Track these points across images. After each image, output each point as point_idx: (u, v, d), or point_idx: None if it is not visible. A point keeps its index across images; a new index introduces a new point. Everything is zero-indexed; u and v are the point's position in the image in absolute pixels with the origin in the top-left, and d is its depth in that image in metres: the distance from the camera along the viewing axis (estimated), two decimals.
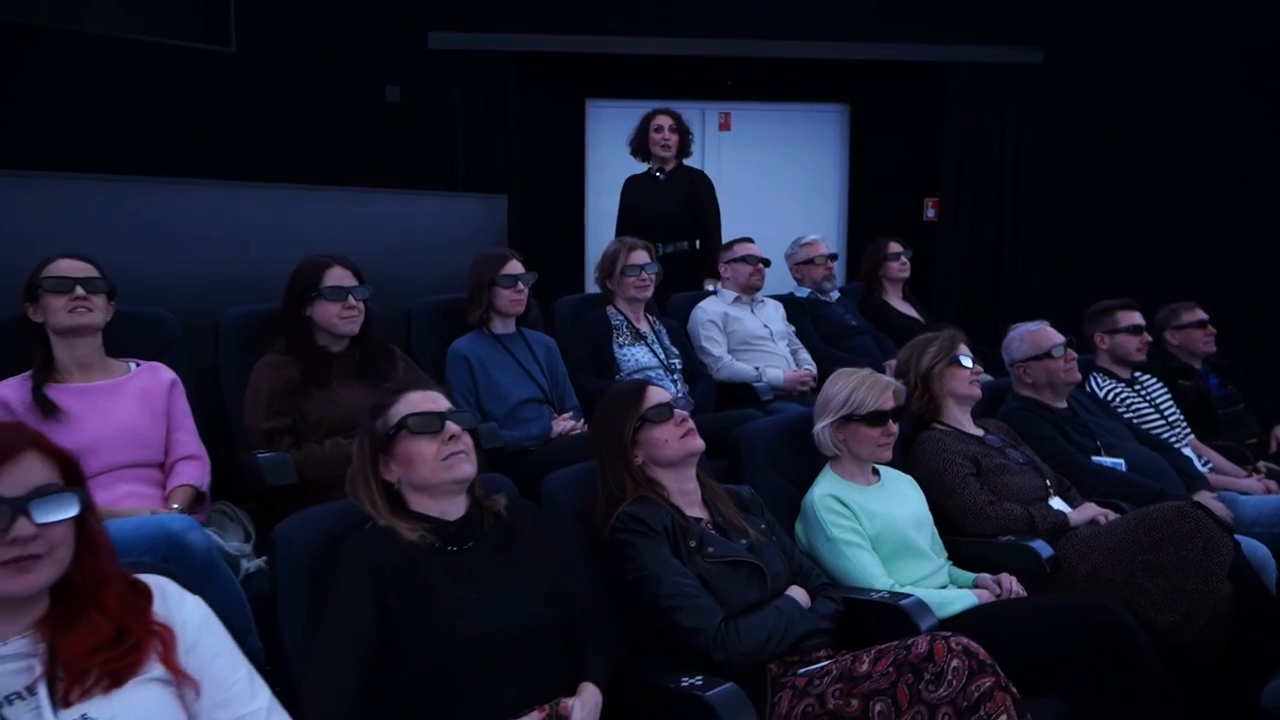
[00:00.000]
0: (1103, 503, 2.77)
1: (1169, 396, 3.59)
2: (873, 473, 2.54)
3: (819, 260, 4.18)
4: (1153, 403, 3.51)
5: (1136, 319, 3.53)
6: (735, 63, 5.88)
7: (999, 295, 5.97)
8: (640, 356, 3.46)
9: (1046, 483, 2.79)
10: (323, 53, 5.20)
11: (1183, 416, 3.56)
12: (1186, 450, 3.39)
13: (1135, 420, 3.40)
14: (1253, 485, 3.28)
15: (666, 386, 3.17)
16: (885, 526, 2.40)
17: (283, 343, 2.66)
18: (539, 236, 5.35)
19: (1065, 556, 2.52)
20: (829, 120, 6.29)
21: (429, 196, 4.92)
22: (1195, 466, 3.28)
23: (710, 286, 4.31)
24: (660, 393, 2.22)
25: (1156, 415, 3.48)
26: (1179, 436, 3.46)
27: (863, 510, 2.39)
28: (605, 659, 1.82)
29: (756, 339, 3.82)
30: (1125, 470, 3.02)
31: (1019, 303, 5.78)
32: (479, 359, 3.06)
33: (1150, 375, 3.62)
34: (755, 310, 3.92)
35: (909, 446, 2.77)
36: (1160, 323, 3.86)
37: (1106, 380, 3.51)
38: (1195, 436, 3.52)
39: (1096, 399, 3.41)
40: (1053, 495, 2.76)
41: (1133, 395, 3.50)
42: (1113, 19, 5.77)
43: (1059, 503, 2.75)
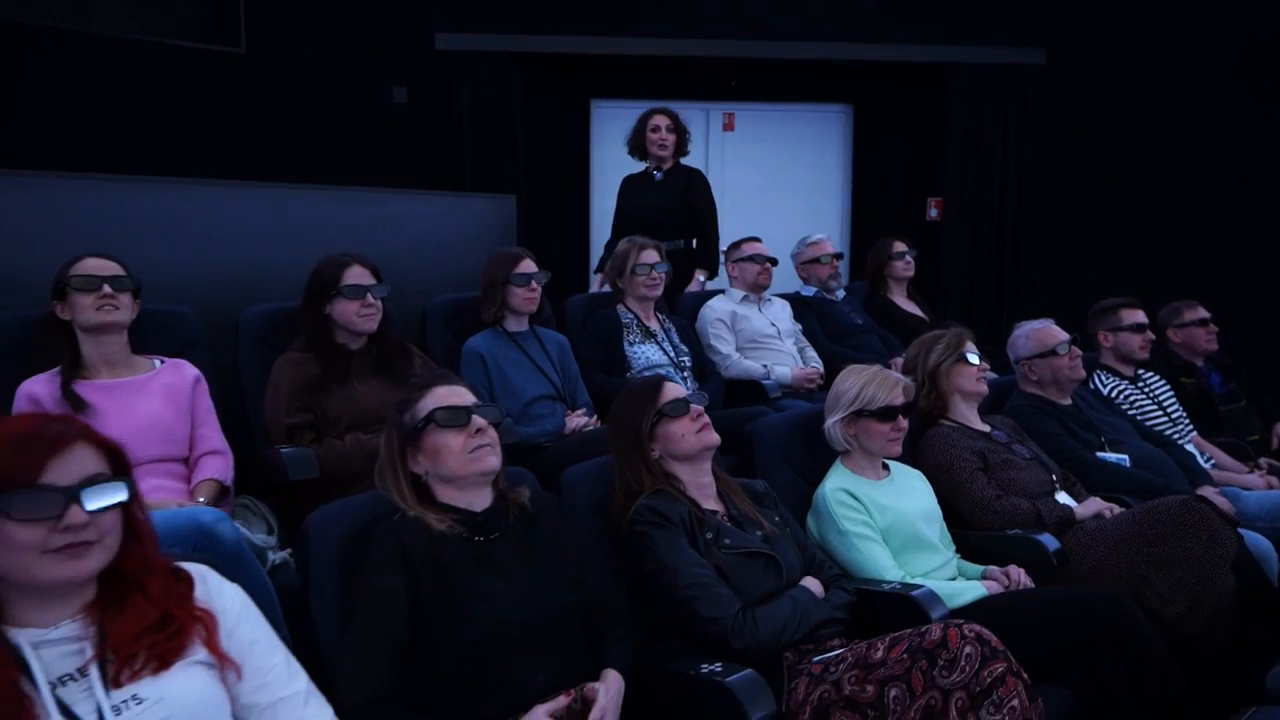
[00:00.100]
0: (1108, 497, 2.80)
1: (1172, 394, 3.63)
2: (883, 467, 2.57)
3: (825, 259, 4.21)
4: (1156, 400, 3.55)
5: (1140, 317, 3.56)
6: (739, 63, 5.92)
7: (1001, 294, 6.00)
8: (650, 354, 3.50)
9: (1052, 478, 2.82)
10: (329, 54, 5.25)
11: (1185, 413, 3.59)
12: (1189, 446, 3.41)
13: (1139, 417, 3.42)
14: (1254, 481, 3.30)
15: (677, 383, 3.20)
16: (896, 520, 2.43)
17: (302, 340, 2.70)
18: (544, 236, 5.36)
19: (1071, 550, 2.55)
20: (832, 120, 6.32)
21: (440, 196, 4.96)
22: (1198, 462, 3.31)
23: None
24: (676, 388, 2.26)
25: (1160, 412, 3.51)
26: (1182, 433, 3.50)
27: (873, 504, 2.43)
28: (626, 647, 1.86)
29: (764, 337, 3.85)
30: (1129, 465, 3.05)
31: (1021, 302, 5.82)
32: (493, 356, 3.10)
33: (1153, 373, 3.65)
34: (763, 309, 3.95)
35: (917, 442, 2.81)
36: (1163, 321, 3.89)
37: (1110, 378, 3.54)
38: (1198, 433, 3.55)
39: (1100, 396, 3.44)
40: (1058, 490, 2.79)
41: (1136, 392, 3.53)
42: (1114, 20, 5.80)
43: (1065, 497, 2.77)
